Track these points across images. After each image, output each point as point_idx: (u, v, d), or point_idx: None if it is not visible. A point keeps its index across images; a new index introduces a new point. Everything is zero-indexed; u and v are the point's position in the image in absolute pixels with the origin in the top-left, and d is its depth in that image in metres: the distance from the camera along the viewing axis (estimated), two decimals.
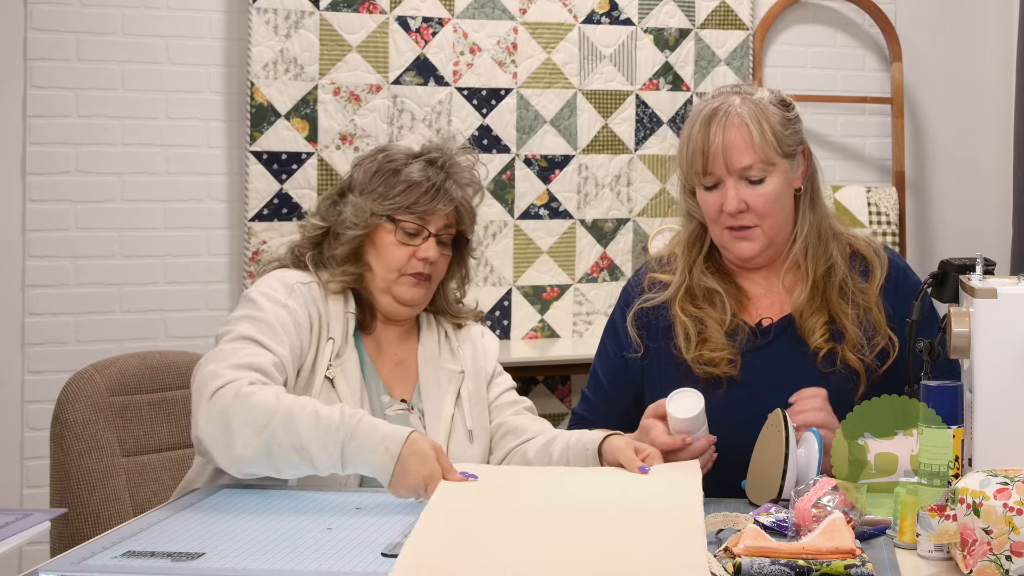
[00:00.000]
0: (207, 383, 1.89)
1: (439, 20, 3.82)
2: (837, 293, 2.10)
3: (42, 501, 3.29)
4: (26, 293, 3.54)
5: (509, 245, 3.91)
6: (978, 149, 4.35)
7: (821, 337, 2.07)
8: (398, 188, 2.10)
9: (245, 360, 1.93)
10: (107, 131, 3.60)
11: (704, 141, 2.06)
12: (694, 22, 4.06)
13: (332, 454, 1.82)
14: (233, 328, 2.00)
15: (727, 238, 2.10)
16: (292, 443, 1.83)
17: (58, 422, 2.24)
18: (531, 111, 3.91)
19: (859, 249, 2.16)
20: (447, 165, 2.15)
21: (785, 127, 2.09)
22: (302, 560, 1.52)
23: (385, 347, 2.16)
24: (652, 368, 2.15)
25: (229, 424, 1.84)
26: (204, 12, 3.69)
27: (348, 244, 2.10)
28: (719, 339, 2.09)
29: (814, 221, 2.13)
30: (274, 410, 1.84)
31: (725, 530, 1.66)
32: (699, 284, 2.14)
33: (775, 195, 2.07)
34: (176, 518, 1.75)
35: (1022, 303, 1.59)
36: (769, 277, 2.16)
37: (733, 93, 2.11)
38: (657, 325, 2.15)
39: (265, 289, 2.06)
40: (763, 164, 2.05)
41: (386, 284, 2.11)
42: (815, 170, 2.16)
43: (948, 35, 4.35)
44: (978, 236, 4.23)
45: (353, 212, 2.10)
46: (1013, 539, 1.42)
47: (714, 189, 2.08)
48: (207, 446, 1.86)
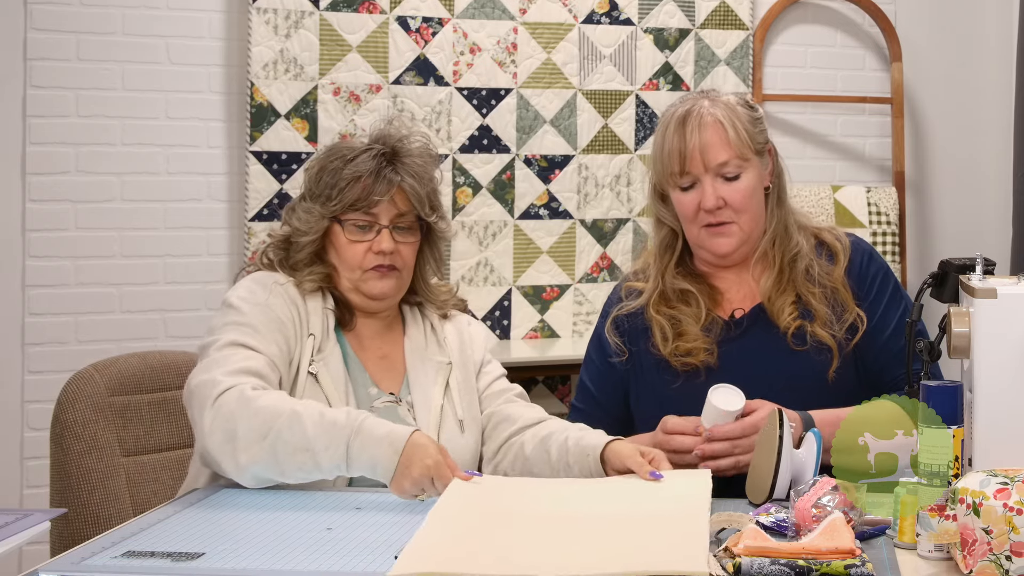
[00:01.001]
0: (207, 392, 1.89)
1: (439, 20, 3.82)
2: (803, 276, 2.16)
3: (42, 501, 3.29)
4: (26, 293, 3.54)
5: (509, 245, 3.91)
6: (978, 149, 4.35)
7: (790, 316, 2.13)
8: (339, 187, 2.10)
9: (240, 366, 1.93)
10: (107, 131, 3.60)
11: (680, 142, 2.13)
12: (694, 22, 4.06)
13: (337, 452, 1.83)
14: (219, 336, 1.99)
15: (704, 236, 2.16)
16: (298, 443, 1.83)
17: (58, 422, 2.24)
18: (531, 111, 3.91)
19: (824, 239, 2.23)
20: (390, 154, 2.13)
21: (754, 126, 2.17)
22: (302, 560, 1.52)
23: (368, 342, 2.15)
24: (635, 370, 2.20)
25: (235, 430, 1.84)
26: (204, 12, 3.69)
27: (306, 250, 2.11)
28: (695, 332, 2.15)
29: (781, 217, 2.20)
30: (279, 412, 1.85)
31: (725, 530, 1.66)
32: (672, 287, 2.20)
33: (750, 191, 2.14)
34: (176, 518, 1.75)
35: (1022, 303, 1.59)
36: (740, 272, 2.22)
37: (701, 97, 2.19)
38: (635, 329, 2.21)
39: (242, 293, 2.06)
40: (738, 160, 2.12)
41: (352, 283, 2.12)
42: (781, 169, 2.24)
43: (948, 35, 4.35)
44: (978, 236, 4.23)
45: (303, 220, 2.12)
46: (1013, 539, 1.42)
47: (690, 189, 2.14)
48: (214, 456, 1.86)
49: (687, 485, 1.82)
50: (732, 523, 1.68)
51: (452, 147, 3.84)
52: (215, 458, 1.87)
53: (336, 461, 1.83)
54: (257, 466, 1.85)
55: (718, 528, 1.66)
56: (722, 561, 1.49)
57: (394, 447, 1.81)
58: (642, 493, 1.81)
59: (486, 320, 3.87)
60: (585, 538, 1.58)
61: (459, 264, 3.84)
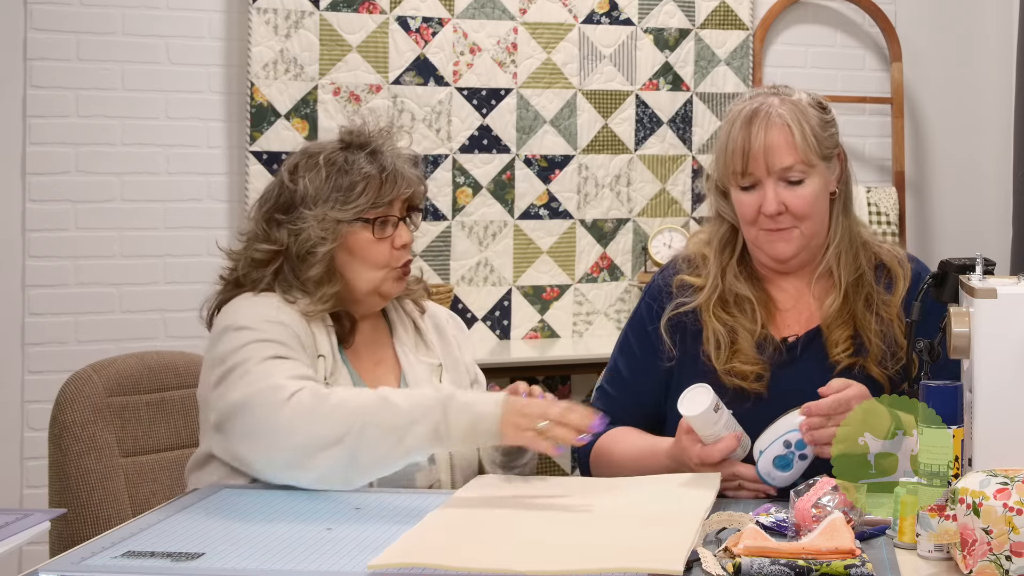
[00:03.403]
0: (274, 396, 1.80)
1: (439, 20, 3.82)
2: (863, 304, 2.08)
3: (42, 501, 3.28)
4: (26, 293, 3.54)
5: (509, 245, 3.91)
6: (978, 149, 4.35)
7: (844, 352, 2.05)
8: (357, 188, 2.01)
9: (294, 372, 1.86)
10: (107, 131, 3.60)
11: (745, 141, 2.03)
12: (694, 22, 4.06)
13: (430, 420, 1.77)
14: (248, 356, 1.88)
15: (763, 239, 2.07)
16: (390, 424, 1.77)
17: (56, 423, 2.24)
18: (531, 111, 3.91)
19: (884, 260, 2.14)
20: (385, 147, 2.08)
21: (824, 129, 2.08)
22: (302, 560, 1.52)
23: (363, 350, 2.11)
24: (680, 373, 2.11)
25: (318, 428, 1.78)
26: (204, 12, 3.69)
27: (323, 261, 2.00)
28: (750, 351, 2.06)
29: (847, 226, 2.11)
30: (365, 400, 1.81)
31: (725, 530, 1.66)
32: (731, 290, 2.11)
33: (813, 197, 2.05)
34: (176, 518, 1.75)
35: (1022, 303, 1.59)
36: (799, 286, 2.14)
37: (771, 94, 2.08)
38: (687, 330, 2.12)
39: (248, 314, 1.96)
40: (803, 165, 2.03)
41: (373, 285, 2.05)
42: (849, 175, 2.16)
43: (948, 35, 4.35)
44: (978, 236, 4.23)
45: (320, 226, 1.99)
46: (1013, 539, 1.42)
47: (751, 190, 2.05)
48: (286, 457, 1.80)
49: (693, 486, 1.83)
50: (732, 523, 1.68)
51: (452, 147, 3.84)
52: (285, 459, 1.80)
53: (430, 429, 1.77)
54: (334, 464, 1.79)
55: (718, 528, 1.66)
56: (722, 561, 1.50)
57: (494, 399, 1.78)
58: (648, 493, 1.82)
59: (486, 320, 3.88)
60: (572, 535, 1.60)
61: (459, 264, 3.84)
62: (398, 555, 1.48)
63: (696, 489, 1.81)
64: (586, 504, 1.77)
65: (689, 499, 1.75)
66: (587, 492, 1.84)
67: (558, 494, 1.83)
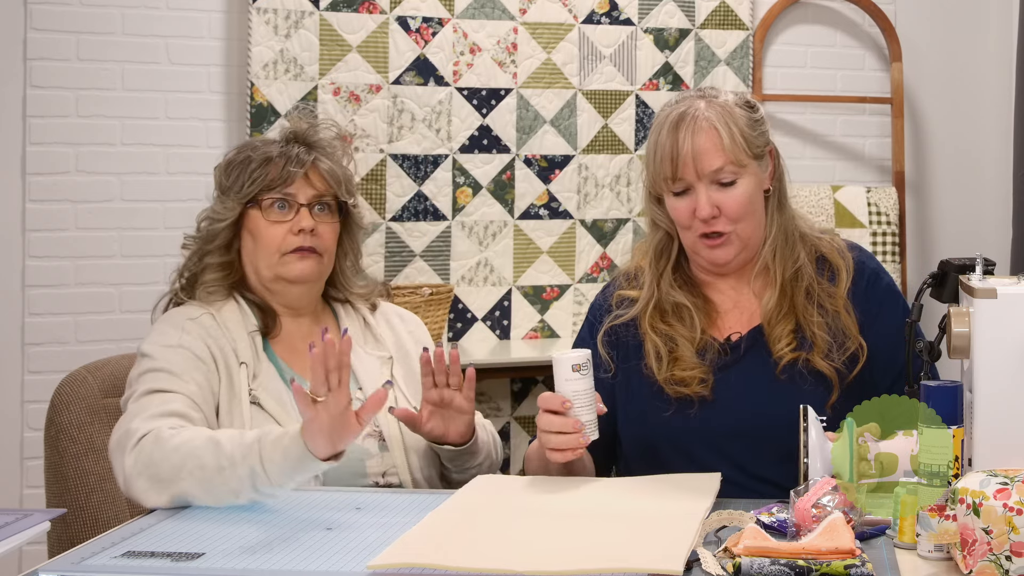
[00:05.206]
0: (125, 441, 1.88)
1: (439, 20, 3.82)
2: (804, 297, 2.08)
3: (42, 501, 3.28)
4: (26, 293, 3.54)
5: (509, 245, 3.91)
6: (978, 149, 4.35)
7: (787, 347, 2.05)
8: (252, 169, 2.09)
9: (157, 410, 1.92)
10: (107, 131, 3.60)
11: (673, 146, 2.03)
12: (694, 22, 4.06)
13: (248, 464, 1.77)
14: (135, 388, 1.99)
15: (700, 246, 2.07)
16: (216, 464, 1.79)
17: (52, 425, 2.24)
18: (531, 111, 3.91)
19: (824, 252, 2.13)
20: (300, 136, 2.15)
21: (752, 128, 2.07)
22: (302, 560, 1.53)
23: (299, 343, 2.12)
24: (623, 387, 2.11)
25: (157, 471, 1.82)
26: (204, 12, 3.68)
27: (218, 240, 2.10)
28: (690, 358, 2.06)
29: (782, 222, 2.11)
30: (195, 443, 1.82)
31: (725, 529, 1.66)
32: (668, 298, 2.11)
33: (747, 197, 2.05)
34: (176, 518, 1.75)
35: (1022, 303, 1.59)
36: (738, 286, 2.14)
37: (697, 97, 2.08)
38: (627, 343, 2.12)
39: (155, 339, 2.05)
40: (733, 166, 2.03)
41: (271, 270, 2.09)
42: (782, 170, 2.14)
43: (948, 35, 4.35)
44: (978, 236, 4.23)
45: (215, 211, 2.11)
46: (1013, 539, 1.42)
47: (684, 195, 2.05)
48: (140, 498, 1.84)
49: (693, 486, 1.83)
50: (732, 522, 1.68)
51: (452, 147, 3.84)
52: (141, 500, 1.85)
53: (247, 471, 1.77)
54: (185, 497, 1.82)
55: (718, 527, 1.66)
56: (722, 561, 1.50)
57: (295, 428, 1.77)
58: (648, 492, 1.82)
59: (486, 320, 3.88)
60: (572, 535, 1.60)
61: (459, 264, 3.84)
62: (398, 555, 1.49)
63: (696, 489, 1.81)
64: (586, 504, 1.77)
65: (689, 499, 1.76)
66: (587, 492, 1.85)
67: (558, 494, 1.83)
